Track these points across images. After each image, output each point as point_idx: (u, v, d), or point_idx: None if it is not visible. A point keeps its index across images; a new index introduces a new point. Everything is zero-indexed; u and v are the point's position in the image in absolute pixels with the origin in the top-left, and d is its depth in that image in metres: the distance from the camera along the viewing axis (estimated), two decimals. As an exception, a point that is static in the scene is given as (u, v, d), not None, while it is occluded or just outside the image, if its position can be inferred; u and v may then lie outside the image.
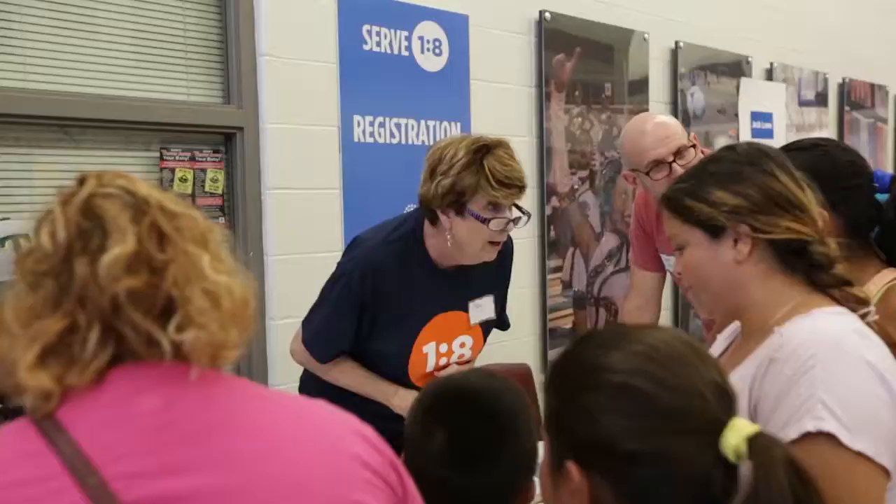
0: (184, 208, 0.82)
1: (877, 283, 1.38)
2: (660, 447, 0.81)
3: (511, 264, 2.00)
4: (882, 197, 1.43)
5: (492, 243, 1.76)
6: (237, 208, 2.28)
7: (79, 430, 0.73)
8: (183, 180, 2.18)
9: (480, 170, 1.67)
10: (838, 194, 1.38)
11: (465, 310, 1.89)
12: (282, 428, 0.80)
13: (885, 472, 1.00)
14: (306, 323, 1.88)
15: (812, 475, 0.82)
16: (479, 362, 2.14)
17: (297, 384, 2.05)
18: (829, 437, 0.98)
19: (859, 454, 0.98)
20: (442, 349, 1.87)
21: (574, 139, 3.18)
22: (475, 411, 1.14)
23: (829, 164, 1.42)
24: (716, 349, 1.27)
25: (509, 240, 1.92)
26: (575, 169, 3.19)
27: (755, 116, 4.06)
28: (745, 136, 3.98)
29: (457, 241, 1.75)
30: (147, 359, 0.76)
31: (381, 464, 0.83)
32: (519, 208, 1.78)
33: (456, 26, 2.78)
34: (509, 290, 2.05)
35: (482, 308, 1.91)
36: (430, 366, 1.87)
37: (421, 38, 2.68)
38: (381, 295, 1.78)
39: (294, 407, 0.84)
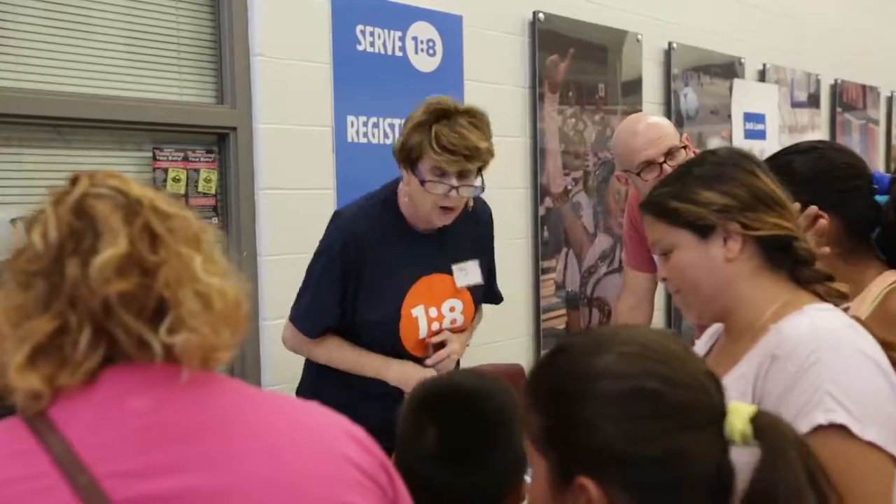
0: (177, 209, 0.81)
1: (879, 284, 1.38)
2: (676, 445, 0.81)
3: (491, 232, 2.03)
4: (881, 199, 1.43)
5: (443, 208, 1.80)
6: (230, 208, 2.27)
7: (70, 428, 0.73)
8: (176, 180, 2.17)
9: (427, 132, 1.73)
10: (837, 196, 1.39)
11: (450, 273, 1.91)
12: (277, 428, 0.80)
13: (894, 460, 1.02)
14: (294, 304, 1.91)
15: (819, 459, 0.84)
16: (473, 363, 2.15)
17: (289, 385, 2.06)
18: (841, 429, 1.00)
19: (870, 444, 1.00)
20: (432, 313, 1.88)
21: (567, 140, 3.18)
22: (468, 410, 1.14)
23: (827, 167, 1.42)
24: (697, 351, 1.27)
25: (485, 209, 1.99)
26: (568, 170, 3.19)
27: (748, 117, 4.07)
28: (738, 137, 4.00)
29: (411, 198, 1.81)
30: (138, 360, 0.76)
31: (372, 465, 0.83)
32: (482, 178, 1.82)
33: (450, 27, 2.78)
34: (508, 288, 2.05)
35: (467, 272, 1.94)
36: (423, 331, 1.88)
37: (415, 38, 2.68)
38: (363, 260, 1.82)
39: (287, 408, 0.84)
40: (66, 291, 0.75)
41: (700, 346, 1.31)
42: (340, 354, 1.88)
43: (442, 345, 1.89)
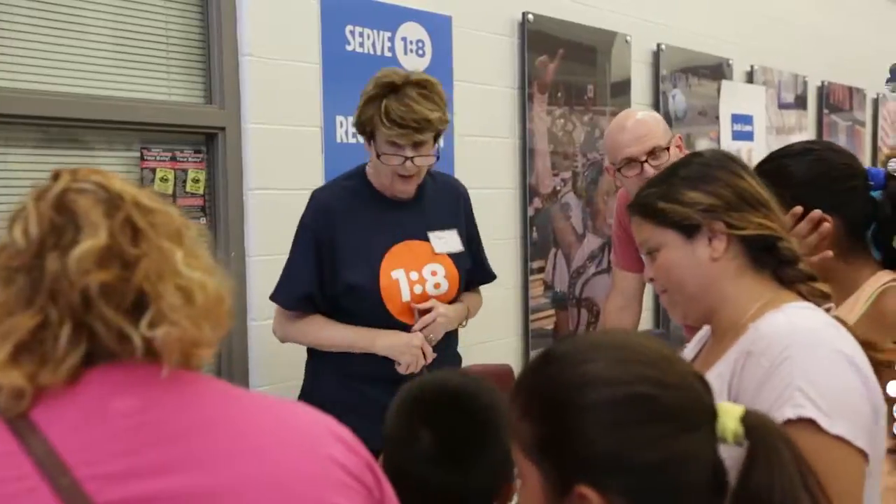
0: (159, 204, 0.81)
1: (872, 284, 1.39)
2: (673, 448, 0.81)
3: (469, 205, 2.07)
4: (876, 194, 1.44)
5: (403, 177, 1.87)
6: (219, 209, 2.26)
7: (53, 430, 0.73)
8: (164, 180, 2.16)
9: (378, 107, 1.80)
10: (837, 198, 1.40)
11: (426, 240, 1.94)
12: (264, 429, 0.80)
13: (864, 455, 1.03)
14: None
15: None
16: (463, 363, 2.15)
17: (277, 386, 2.05)
18: (809, 423, 1.01)
19: (838, 438, 1.01)
20: (413, 276, 1.90)
21: (556, 140, 3.19)
22: (458, 409, 1.13)
23: (826, 169, 1.43)
24: (687, 355, 1.28)
25: (461, 184, 2.05)
26: (557, 170, 3.20)
27: (736, 119, 4.09)
28: (726, 138, 4.02)
29: (374, 168, 1.90)
30: (119, 355, 0.76)
31: (358, 465, 0.83)
32: (438, 146, 1.88)
33: (439, 27, 2.78)
34: (497, 288, 2.05)
35: (445, 240, 1.96)
36: (406, 294, 1.89)
37: (404, 38, 2.68)
38: (335, 230, 1.87)
39: (274, 408, 0.84)
40: (46, 286, 0.74)
41: (689, 351, 1.31)
42: (328, 332, 1.90)
43: (429, 311, 1.90)
